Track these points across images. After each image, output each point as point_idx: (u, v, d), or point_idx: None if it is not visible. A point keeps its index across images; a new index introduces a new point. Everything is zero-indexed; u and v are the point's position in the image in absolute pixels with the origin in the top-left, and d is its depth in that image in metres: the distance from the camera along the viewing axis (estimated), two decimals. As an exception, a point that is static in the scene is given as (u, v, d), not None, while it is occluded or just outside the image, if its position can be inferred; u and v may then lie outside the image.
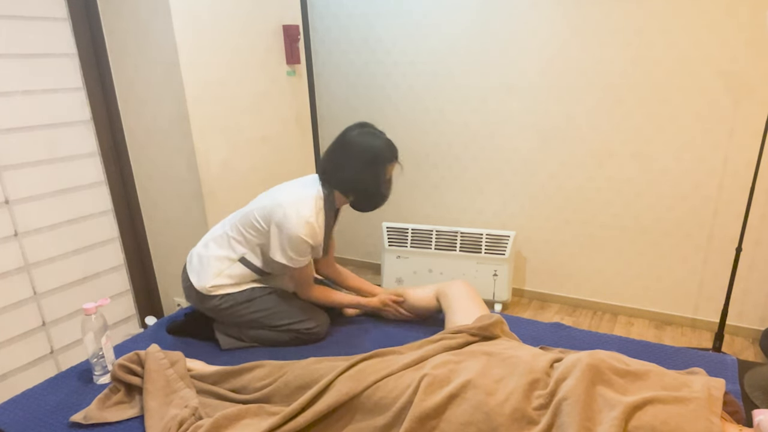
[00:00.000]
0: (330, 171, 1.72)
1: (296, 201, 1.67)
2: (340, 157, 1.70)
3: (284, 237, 1.66)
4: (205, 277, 1.77)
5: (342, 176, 1.70)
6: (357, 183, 1.70)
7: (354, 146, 1.68)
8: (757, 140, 2.43)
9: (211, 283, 1.77)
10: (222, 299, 1.77)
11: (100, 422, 1.40)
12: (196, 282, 1.78)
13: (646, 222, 2.76)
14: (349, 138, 1.69)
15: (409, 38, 3.06)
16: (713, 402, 1.11)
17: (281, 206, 1.67)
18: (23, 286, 2.22)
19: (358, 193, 1.74)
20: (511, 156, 2.99)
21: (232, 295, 1.78)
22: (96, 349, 1.59)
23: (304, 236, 1.65)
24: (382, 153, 1.68)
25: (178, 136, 2.31)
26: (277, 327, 1.78)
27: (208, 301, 1.78)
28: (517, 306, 3.12)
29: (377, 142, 1.68)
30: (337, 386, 1.31)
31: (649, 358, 1.61)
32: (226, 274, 1.78)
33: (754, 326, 2.67)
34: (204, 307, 1.81)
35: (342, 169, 1.69)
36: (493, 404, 1.18)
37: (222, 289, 1.78)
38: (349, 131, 1.71)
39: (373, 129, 1.72)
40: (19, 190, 2.15)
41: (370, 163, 1.67)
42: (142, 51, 2.24)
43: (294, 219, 1.64)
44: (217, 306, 1.78)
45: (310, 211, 1.66)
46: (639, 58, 2.55)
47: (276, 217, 1.67)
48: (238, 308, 1.77)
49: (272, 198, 1.72)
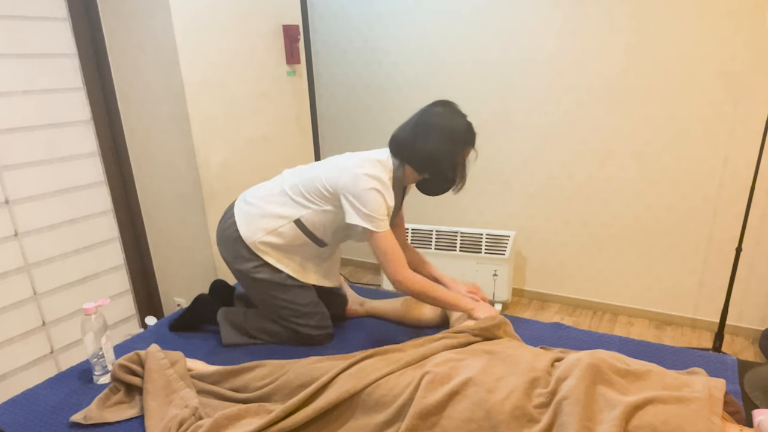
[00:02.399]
0: (405, 144, 1.64)
1: (365, 164, 1.60)
2: (419, 131, 1.62)
3: (356, 195, 1.57)
4: (257, 230, 1.71)
5: (419, 150, 1.62)
6: (434, 158, 1.61)
7: (437, 121, 1.60)
8: (757, 140, 2.43)
9: (261, 238, 1.71)
10: (259, 268, 1.73)
11: (100, 422, 1.40)
12: (245, 232, 1.72)
13: (646, 222, 2.76)
14: (432, 113, 1.62)
15: (409, 38, 3.06)
16: (714, 402, 1.11)
17: (347, 169, 1.60)
18: (23, 286, 2.22)
19: (432, 170, 1.64)
20: (511, 156, 2.99)
21: (270, 269, 1.73)
22: (96, 349, 1.58)
23: (377, 187, 1.57)
24: (463, 133, 1.61)
25: (178, 136, 2.30)
26: (285, 322, 1.78)
27: (245, 262, 1.73)
28: (517, 306, 3.12)
29: (460, 121, 1.61)
30: (338, 383, 1.32)
31: (649, 358, 1.61)
32: (278, 233, 1.70)
33: (754, 326, 2.67)
34: (236, 266, 1.75)
35: (420, 142, 1.61)
36: (493, 402, 1.18)
37: (266, 255, 1.72)
38: (432, 107, 1.64)
39: (457, 109, 1.65)
40: (19, 190, 2.15)
41: (449, 141, 1.60)
42: (142, 51, 2.24)
43: (362, 178, 1.57)
44: (248, 271, 1.73)
45: (380, 172, 1.60)
46: (639, 58, 2.55)
47: (344, 179, 1.59)
48: (265, 285, 1.73)
49: (339, 165, 1.64)
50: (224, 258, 1.81)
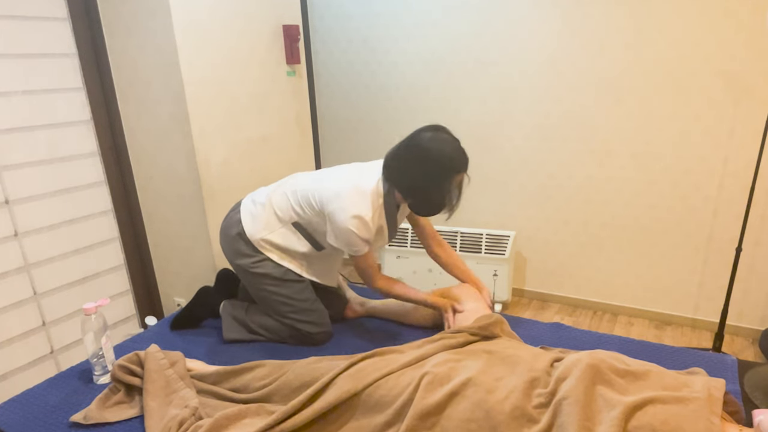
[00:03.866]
0: (392, 169, 1.64)
1: (352, 196, 1.62)
2: (405, 157, 1.61)
3: (336, 228, 1.63)
4: (260, 228, 1.76)
5: (403, 179, 1.62)
6: (417, 189, 1.61)
7: (421, 150, 1.57)
8: (757, 140, 2.43)
9: (263, 235, 1.75)
10: (259, 263, 1.76)
11: (100, 422, 1.40)
12: (249, 229, 1.76)
13: (646, 222, 2.76)
14: (419, 140, 1.59)
15: (409, 38, 3.06)
16: (713, 402, 1.11)
17: (337, 197, 1.63)
18: (23, 286, 2.22)
19: (416, 199, 1.65)
20: (511, 156, 2.99)
21: (269, 264, 1.76)
22: (96, 349, 1.59)
23: (355, 230, 1.61)
24: (449, 162, 1.57)
25: (178, 136, 2.30)
26: (283, 318, 1.78)
27: (245, 258, 1.77)
28: (517, 306, 3.12)
29: (447, 149, 1.56)
30: (338, 384, 1.32)
31: (649, 358, 1.61)
32: (280, 233, 1.75)
33: (754, 326, 2.67)
34: (236, 262, 1.79)
35: (404, 171, 1.61)
36: (493, 402, 1.18)
37: (267, 251, 1.76)
38: (422, 132, 1.61)
39: (447, 134, 1.61)
40: (19, 190, 2.15)
41: (434, 171, 1.57)
42: (142, 51, 2.24)
43: (346, 214, 1.60)
44: (248, 266, 1.77)
45: (366, 208, 1.61)
46: (639, 58, 2.55)
47: (330, 207, 1.64)
48: (264, 280, 1.76)
49: (332, 184, 1.67)
50: (225, 253, 1.85)
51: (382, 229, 1.74)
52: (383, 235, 1.76)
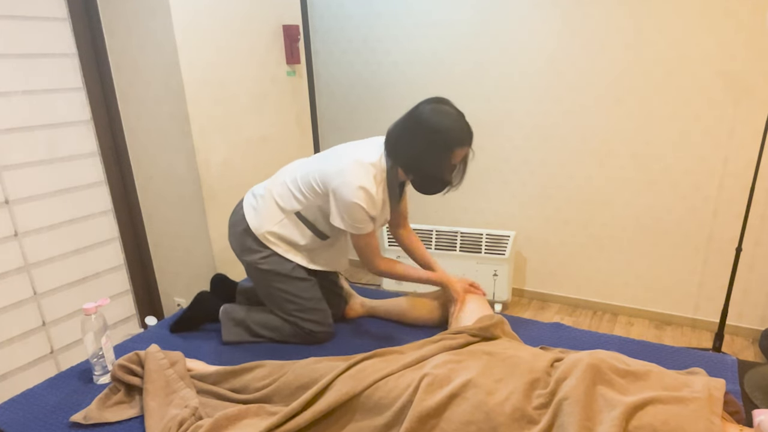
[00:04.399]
0: (393, 144, 1.59)
1: (355, 170, 1.58)
2: (405, 131, 1.56)
3: (341, 204, 1.60)
4: (264, 221, 1.75)
5: (404, 153, 1.57)
6: (418, 163, 1.56)
7: (422, 123, 1.52)
8: (757, 140, 2.43)
9: (269, 228, 1.74)
10: (266, 258, 1.75)
11: (100, 422, 1.40)
12: (253, 223, 1.75)
13: (646, 222, 2.76)
14: (419, 112, 1.54)
15: (409, 38, 3.06)
16: (714, 402, 1.11)
17: (340, 173, 1.59)
18: (23, 286, 2.22)
19: (417, 174, 1.60)
20: (511, 156, 2.99)
21: (277, 260, 1.76)
22: (96, 349, 1.58)
23: (361, 203, 1.57)
24: (450, 135, 1.51)
25: (178, 136, 2.30)
26: (287, 315, 1.78)
27: (252, 254, 1.77)
28: (517, 306, 3.12)
29: (447, 121, 1.51)
30: (338, 386, 1.31)
31: (649, 358, 1.61)
32: (283, 224, 1.74)
33: (754, 326, 2.67)
34: (244, 258, 1.79)
35: (405, 145, 1.56)
36: (493, 403, 1.18)
37: (273, 244, 1.75)
38: (423, 105, 1.55)
39: (449, 107, 1.55)
40: (19, 190, 2.15)
41: (435, 144, 1.52)
42: (142, 51, 2.24)
43: (351, 187, 1.57)
44: (255, 262, 1.76)
45: (369, 181, 1.58)
46: (639, 58, 2.55)
47: (333, 183, 1.61)
48: (271, 277, 1.76)
49: (333, 162, 1.64)
50: (234, 250, 1.85)
51: (384, 206, 1.69)
52: (386, 212, 1.72)
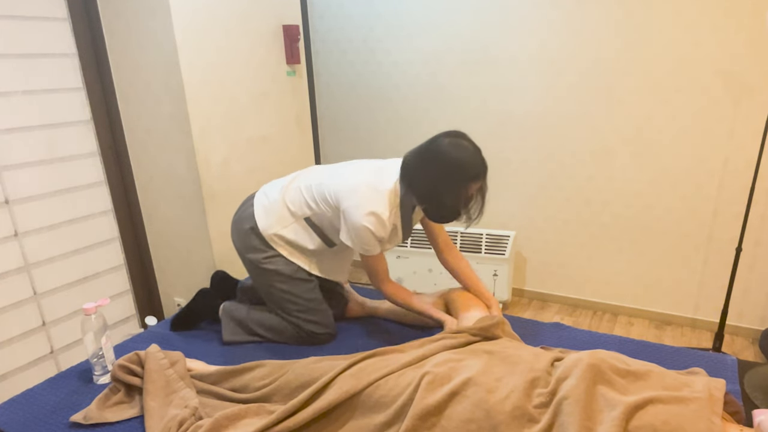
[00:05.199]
0: (409, 172, 1.61)
1: (368, 194, 1.61)
2: (421, 161, 1.58)
3: (350, 225, 1.62)
4: (273, 222, 1.76)
5: (419, 182, 1.59)
6: (432, 194, 1.58)
7: (439, 156, 1.54)
8: (757, 140, 2.43)
9: (276, 231, 1.75)
10: (270, 259, 1.76)
11: (100, 422, 1.40)
12: (262, 224, 1.76)
13: (646, 222, 2.76)
14: (437, 145, 1.56)
15: (409, 38, 3.06)
16: (714, 402, 1.11)
17: (353, 194, 1.62)
18: (23, 286, 2.21)
19: (430, 204, 1.62)
20: (511, 156, 2.99)
21: (281, 261, 1.76)
22: (96, 349, 1.58)
23: (370, 227, 1.60)
24: (465, 169, 1.53)
25: (178, 136, 2.30)
26: (288, 316, 1.78)
27: (256, 252, 1.77)
28: (517, 306, 3.12)
29: (464, 155, 1.53)
30: (338, 384, 1.31)
31: (649, 358, 1.61)
32: (292, 228, 1.75)
33: (754, 326, 2.67)
34: (247, 256, 1.79)
35: (420, 175, 1.58)
36: (493, 402, 1.18)
37: (279, 246, 1.76)
38: (441, 137, 1.58)
39: (466, 141, 1.57)
40: (19, 190, 2.15)
41: (451, 177, 1.54)
42: (142, 51, 2.24)
43: (361, 211, 1.59)
44: (259, 261, 1.76)
45: (382, 206, 1.60)
46: (639, 58, 2.55)
47: (345, 203, 1.63)
48: (273, 276, 1.76)
49: (348, 181, 1.66)
50: (236, 247, 1.85)
51: (396, 230, 1.72)
52: (397, 236, 1.74)
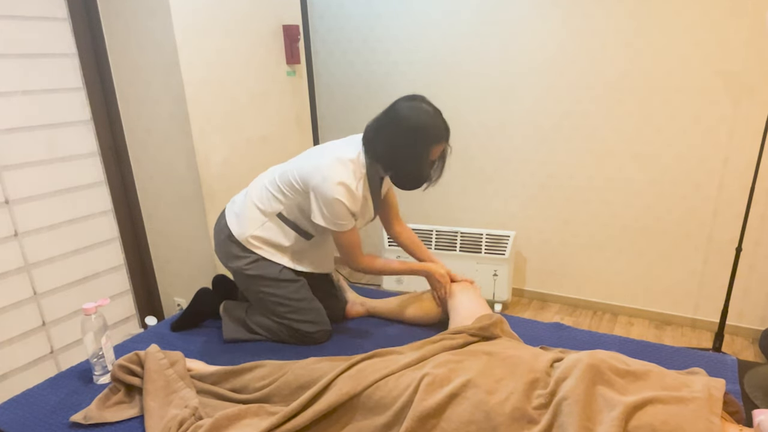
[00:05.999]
0: (372, 141, 1.60)
1: (334, 166, 1.59)
2: (383, 128, 1.57)
3: (321, 200, 1.60)
4: (246, 226, 1.74)
5: (382, 150, 1.58)
6: (396, 160, 1.57)
7: (399, 120, 1.53)
8: (757, 140, 2.43)
9: (251, 233, 1.74)
10: (251, 265, 1.75)
11: (100, 422, 1.40)
12: (236, 229, 1.75)
13: (646, 222, 2.76)
14: (396, 110, 1.55)
15: (409, 38, 3.06)
16: (714, 402, 1.11)
17: (318, 169, 1.60)
18: (23, 286, 2.22)
19: (396, 170, 1.61)
20: (511, 156, 2.99)
21: (263, 264, 1.75)
22: (96, 349, 1.58)
23: (341, 198, 1.58)
24: (428, 131, 1.52)
25: (178, 136, 2.30)
26: (281, 319, 1.78)
27: (237, 260, 1.76)
28: (517, 306, 3.12)
29: (424, 117, 1.52)
30: (338, 385, 1.31)
31: (649, 358, 1.61)
32: (266, 227, 1.74)
33: (754, 326, 2.67)
34: (230, 265, 1.78)
35: (383, 142, 1.57)
36: (493, 403, 1.18)
37: (257, 248, 1.75)
38: (400, 102, 1.56)
39: (426, 104, 1.56)
40: (19, 190, 2.15)
41: (412, 141, 1.53)
42: (142, 51, 2.24)
43: (330, 183, 1.57)
44: (242, 269, 1.75)
45: (348, 177, 1.58)
46: (639, 58, 2.55)
47: (313, 180, 1.61)
48: (259, 282, 1.75)
49: (311, 160, 1.65)
50: (219, 258, 1.85)
51: (366, 202, 1.71)
52: (368, 209, 1.73)
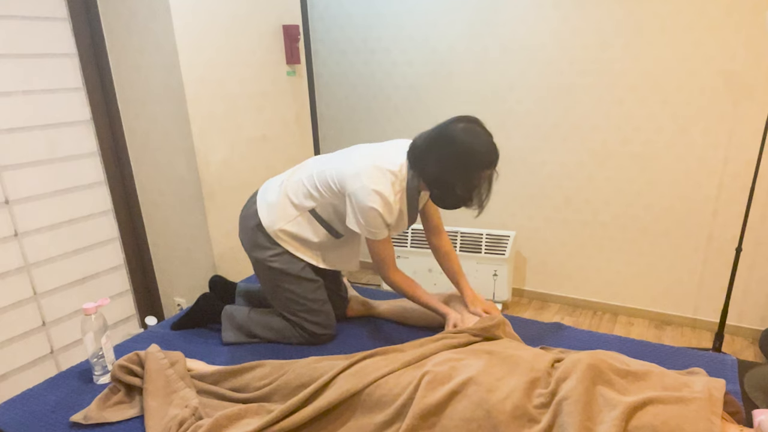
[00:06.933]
0: (419, 157, 1.58)
1: (373, 174, 1.57)
2: (433, 146, 1.54)
3: (357, 208, 1.59)
4: (277, 218, 1.73)
5: (429, 168, 1.56)
6: (442, 180, 1.56)
7: (451, 141, 1.51)
8: (757, 140, 2.43)
9: (281, 226, 1.73)
10: (276, 257, 1.74)
11: (100, 422, 1.40)
12: (266, 220, 1.74)
13: (646, 222, 2.76)
14: (450, 130, 1.53)
15: (409, 38, 3.06)
16: (714, 402, 1.11)
17: (357, 176, 1.58)
18: (23, 286, 2.22)
19: (440, 190, 1.59)
20: (511, 156, 2.99)
21: (287, 258, 1.74)
22: (96, 349, 1.58)
23: (378, 208, 1.57)
24: (477, 157, 1.51)
25: (178, 136, 2.30)
26: (292, 315, 1.78)
27: (262, 251, 1.75)
28: (517, 306, 3.12)
29: (477, 143, 1.51)
30: (339, 383, 1.32)
31: (649, 358, 1.61)
32: (296, 222, 1.73)
33: (754, 326, 2.67)
34: (254, 254, 1.77)
35: (432, 160, 1.55)
36: (494, 401, 1.18)
37: (285, 242, 1.74)
38: (454, 122, 1.54)
39: (480, 127, 1.54)
40: (19, 190, 2.15)
41: (464, 164, 1.52)
42: (142, 51, 2.24)
43: (367, 191, 1.56)
44: (265, 259, 1.75)
45: (386, 188, 1.57)
46: (639, 58, 2.55)
47: (350, 187, 1.60)
48: (279, 275, 1.75)
49: (352, 163, 1.63)
50: (243, 245, 1.84)
51: (402, 215, 1.69)
52: (403, 221, 1.72)
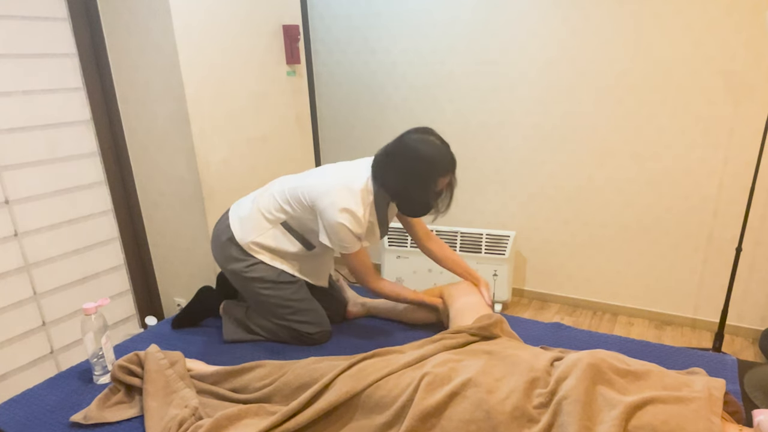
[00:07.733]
0: (379, 169, 1.66)
1: (341, 192, 1.63)
2: (391, 158, 1.64)
3: (326, 224, 1.64)
4: (249, 231, 1.77)
5: (389, 178, 1.65)
6: (402, 189, 1.64)
7: (407, 151, 1.60)
8: (757, 140, 2.43)
9: (252, 238, 1.76)
10: (252, 267, 1.76)
11: (100, 422, 1.40)
12: (238, 234, 1.77)
13: (646, 222, 2.76)
14: (406, 141, 1.62)
15: (409, 38, 3.06)
16: (714, 402, 1.11)
17: (327, 194, 1.64)
18: (23, 286, 2.22)
19: (402, 199, 1.68)
20: (511, 156, 2.99)
21: (263, 267, 1.76)
22: (96, 349, 1.59)
23: (346, 223, 1.62)
24: (433, 163, 1.58)
25: (178, 136, 2.30)
26: (281, 320, 1.78)
27: (236, 263, 1.77)
28: (517, 306, 3.12)
29: (431, 150, 1.58)
30: (338, 385, 1.32)
31: (649, 358, 1.61)
32: (269, 234, 1.76)
33: (754, 326, 2.67)
34: (228, 268, 1.79)
35: (390, 171, 1.63)
36: (493, 402, 1.18)
37: (258, 253, 1.77)
38: (409, 134, 1.63)
39: (434, 136, 1.63)
40: (19, 190, 2.15)
41: (419, 173, 1.60)
42: (142, 51, 2.24)
43: (336, 208, 1.62)
44: (241, 270, 1.76)
45: (356, 204, 1.63)
46: (639, 58, 2.55)
47: (320, 204, 1.65)
48: (258, 284, 1.76)
49: (322, 182, 1.68)
50: (217, 261, 1.86)
51: (373, 227, 1.76)
52: (374, 233, 1.78)
